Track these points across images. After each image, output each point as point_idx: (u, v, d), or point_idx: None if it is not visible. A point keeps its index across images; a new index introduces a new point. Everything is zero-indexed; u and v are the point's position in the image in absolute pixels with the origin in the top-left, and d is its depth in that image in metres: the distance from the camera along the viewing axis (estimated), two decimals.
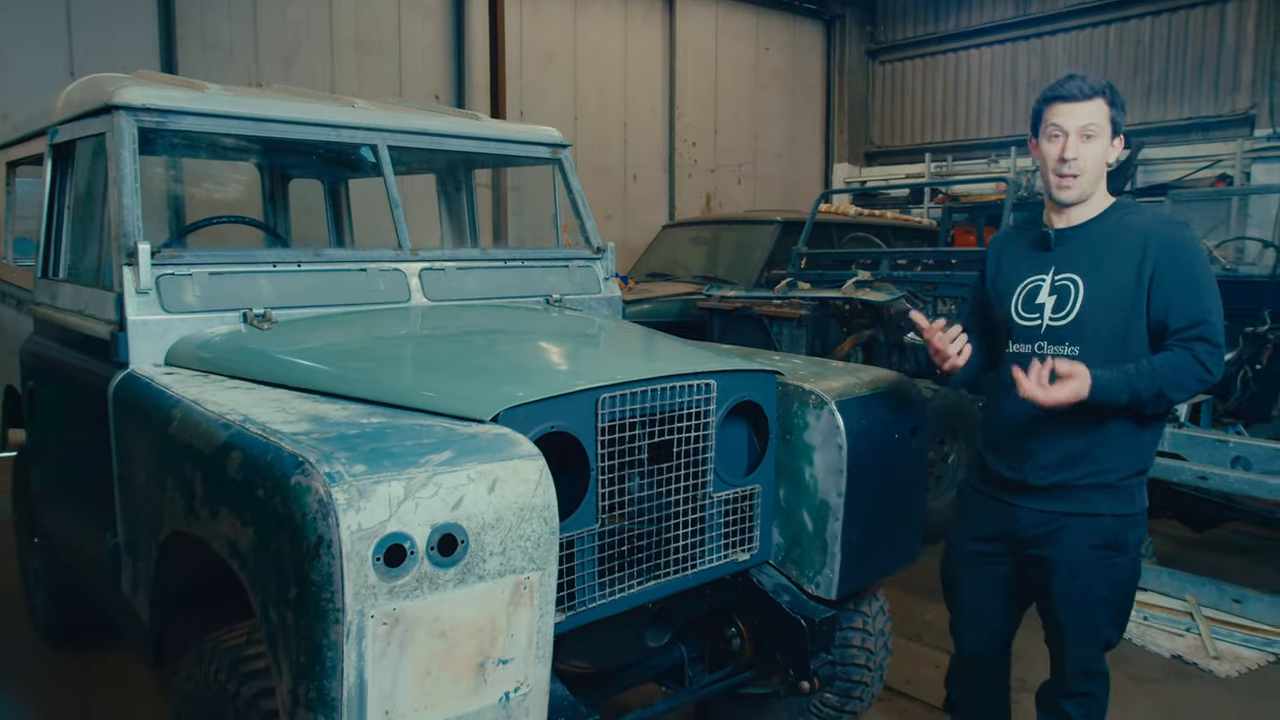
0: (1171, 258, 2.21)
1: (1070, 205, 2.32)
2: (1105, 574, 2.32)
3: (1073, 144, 2.25)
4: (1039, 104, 2.34)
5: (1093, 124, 2.23)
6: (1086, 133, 2.24)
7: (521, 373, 2.27)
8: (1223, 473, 4.12)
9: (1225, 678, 3.67)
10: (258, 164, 4.47)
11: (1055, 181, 2.29)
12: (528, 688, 1.83)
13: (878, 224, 8.33)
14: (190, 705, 2.07)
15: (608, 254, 3.65)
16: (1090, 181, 2.28)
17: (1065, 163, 2.25)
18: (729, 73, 11.70)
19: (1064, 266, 2.33)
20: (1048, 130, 2.29)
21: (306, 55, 8.60)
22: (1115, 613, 2.38)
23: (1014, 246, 2.49)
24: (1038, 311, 2.35)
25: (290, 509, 1.59)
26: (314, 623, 1.56)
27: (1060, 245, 2.35)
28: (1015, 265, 2.45)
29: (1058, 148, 2.27)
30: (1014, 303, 2.40)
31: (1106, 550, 2.31)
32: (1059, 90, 2.28)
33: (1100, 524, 2.30)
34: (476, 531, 1.70)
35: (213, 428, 1.95)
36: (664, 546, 2.35)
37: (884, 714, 3.35)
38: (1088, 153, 2.25)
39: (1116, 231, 2.30)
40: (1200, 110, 9.66)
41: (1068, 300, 2.30)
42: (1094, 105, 2.24)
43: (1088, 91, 2.24)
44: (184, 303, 2.63)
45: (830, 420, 2.52)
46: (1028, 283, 2.39)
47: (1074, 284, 2.30)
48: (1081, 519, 2.31)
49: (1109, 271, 2.26)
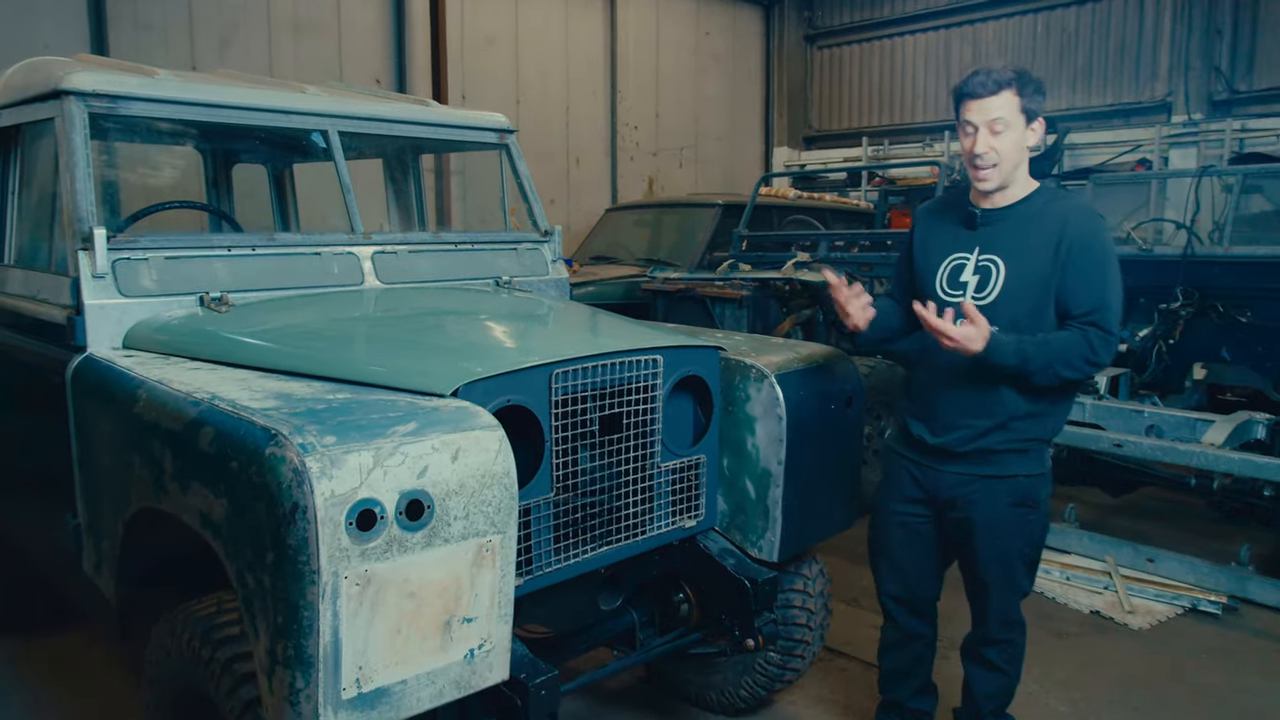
0: (1082, 247, 2.36)
1: (993, 192, 2.46)
2: (1022, 530, 2.51)
3: (983, 139, 2.37)
4: (954, 99, 2.47)
5: (1000, 118, 2.35)
6: (995, 128, 2.36)
7: (478, 350, 2.37)
8: (1137, 440, 4.39)
9: (1139, 630, 3.94)
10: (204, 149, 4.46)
11: (973, 174, 2.43)
12: (491, 644, 1.95)
13: (817, 207, 8.53)
14: (163, 673, 2.14)
15: (555, 237, 3.75)
16: (1008, 169, 2.41)
17: (978, 157, 2.39)
18: (670, 56, 11.81)
19: (988, 247, 2.47)
20: (963, 125, 2.43)
21: (243, 37, 8.46)
22: (1029, 565, 2.57)
23: (940, 222, 2.63)
24: (961, 289, 2.49)
25: (266, 478, 1.68)
26: (291, 584, 1.66)
27: (985, 226, 2.49)
28: (941, 241, 2.58)
29: (971, 143, 2.40)
30: (939, 278, 2.54)
31: (1022, 508, 2.49)
32: (965, 88, 2.40)
33: (1015, 484, 2.48)
34: (441, 497, 1.81)
35: (181, 406, 2.02)
36: (615, 514, 2.48)
37: (824, 672, 3.54)
38: (1000, 145, 2.37)
39: (1039, 217, 2.43)
40: (1122, 97, 10.06)
41: (989, 280, 2.45)
42: (1001, 99, 2.35)
43: (992, 86, 2.35)
44: (140, 286, 2.67)
45: (771, 392, 2.67)
46: (952, 259, 2.53)
47: (996, 265, 2.45)
48: (998, 480, 2.48)
49: (1029, 256, 2.41)
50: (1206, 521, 5.19)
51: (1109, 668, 3.62)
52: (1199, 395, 5.40)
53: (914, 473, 2.62)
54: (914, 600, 2.75)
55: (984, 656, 2.67)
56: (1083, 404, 4.87)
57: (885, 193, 8.83)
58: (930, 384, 2.57)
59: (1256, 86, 9.22)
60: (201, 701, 2.05)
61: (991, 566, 2.54)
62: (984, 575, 2.56)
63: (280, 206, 4.78)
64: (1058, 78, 10.41)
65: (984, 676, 2.69)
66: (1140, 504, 5.55)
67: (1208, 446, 4.21)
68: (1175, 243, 5.91)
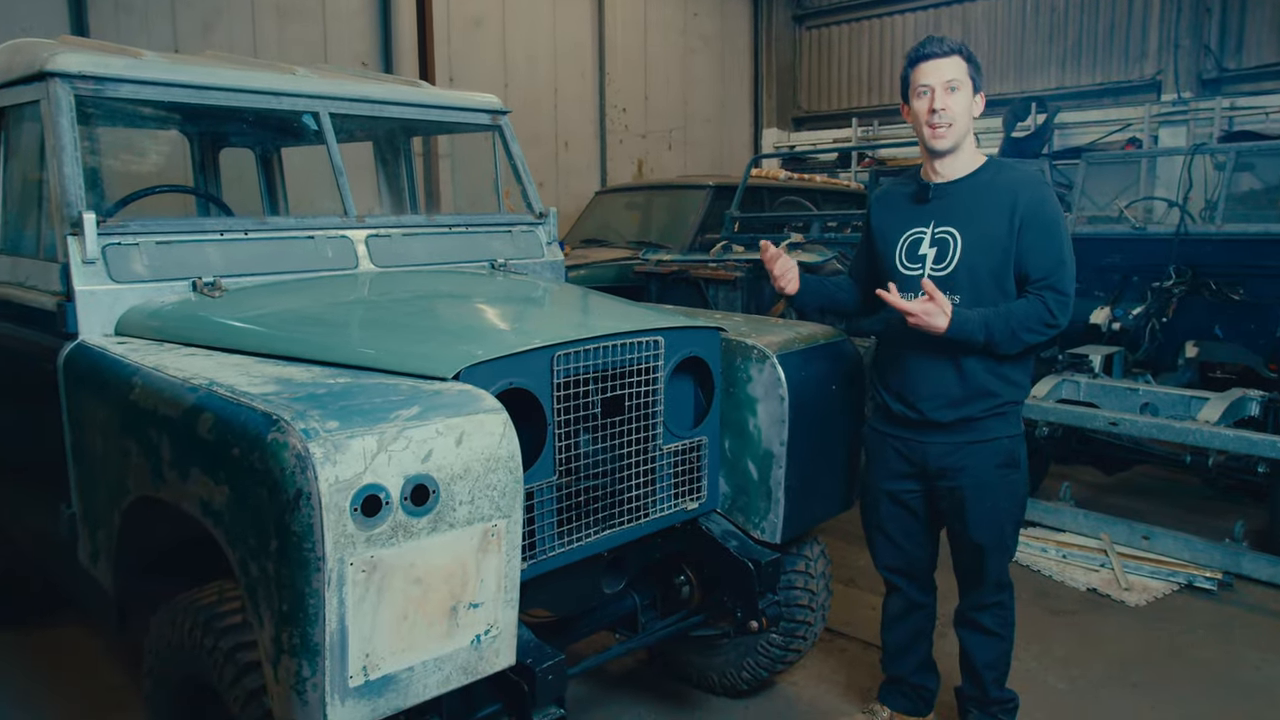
0: (1034, 213, 2.46)
1: (945, 154, 2.52)
2: (1009, 490, 2.59)
3: (940, 96, 2.46)
4: (905, 68, 2.56)
5: (955, 79, 2.46)
6: (951, 86, 2.46)
7: (479, 333, 2.35)
8: (1132, 418, 4.40)
9: (1135, 606, 3.96)
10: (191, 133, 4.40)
11: (929, 133, 2.50)
12: (497, 630, 1.93)
13: (808, 188, 8.50)
14: (164, 664, 2.12)
15: (550, 219, 3.71)
16: (961, 130, 2.49)
17: (936, 113, 2.47)
18: (658, 38, 11.72)
19: (943, 220, 2.54)
20: (916, 90, 2.51)
21: (227, 21, 8.34)
22: (1016, 525, 2.66)
23: (895, 200, 2.70)
24: (920, 262, 2.56)
25: (269, 464, 1.66)
26: (296, 572, 1.64)
27: (938, 199, 2.56)
28: (896, 217, 2.65)
29: (927, 102, 2.48)
30: (897, 254, 2.60)
31: (1006, 469, 2.58)
32: (921, 51, 2.51)
33: (999, 446, 2.57)
34: (446, 482, 1.78)
35: (179, 392, 1.99)
36: (618, 497, 2.46)
37: (825, 653, 3.55)
38: (954, 103, 2.46)
39: (990, 188, 2.51)
40: (1111, 76, 10.04)
41: (947, 252, 2.52)
42: (953, 61, 2.47)
43: (946, 50, 2.48)
44: (132, 272, 2.63)
45: (772, 373, 2.65)
46: (909, 234, 2.59)
47: (952, 237, 2.52)
48: (982, 445, 2.56)
49: (984, 225, 2.48)
50: (1201, 498, 5.22)
51: (1107, 644, 3.63)
52: (1191, 373, 5.41)
53: (899, 448, 2.68)
54: (912, 569, 2.82)
55: (979, 622, 2.74)
56: (1077, 383, 4.88)
57: (876, 173, 8.81)
58: (904, 361, 2.63)
59: (1246, 65, 9.23)
60: (204, 691, 2.03)
61: (984, 528, 2.61)
62: (977, 538, 2.62)
63: (269, 190, 4.72)
64: (1047, 57, 10.40)
65: (982, 643, 2.74)
66: (1135, 482, 5.57)
67: (1203, 424, 4.22)
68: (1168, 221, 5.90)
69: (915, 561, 2.80)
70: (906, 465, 2.67)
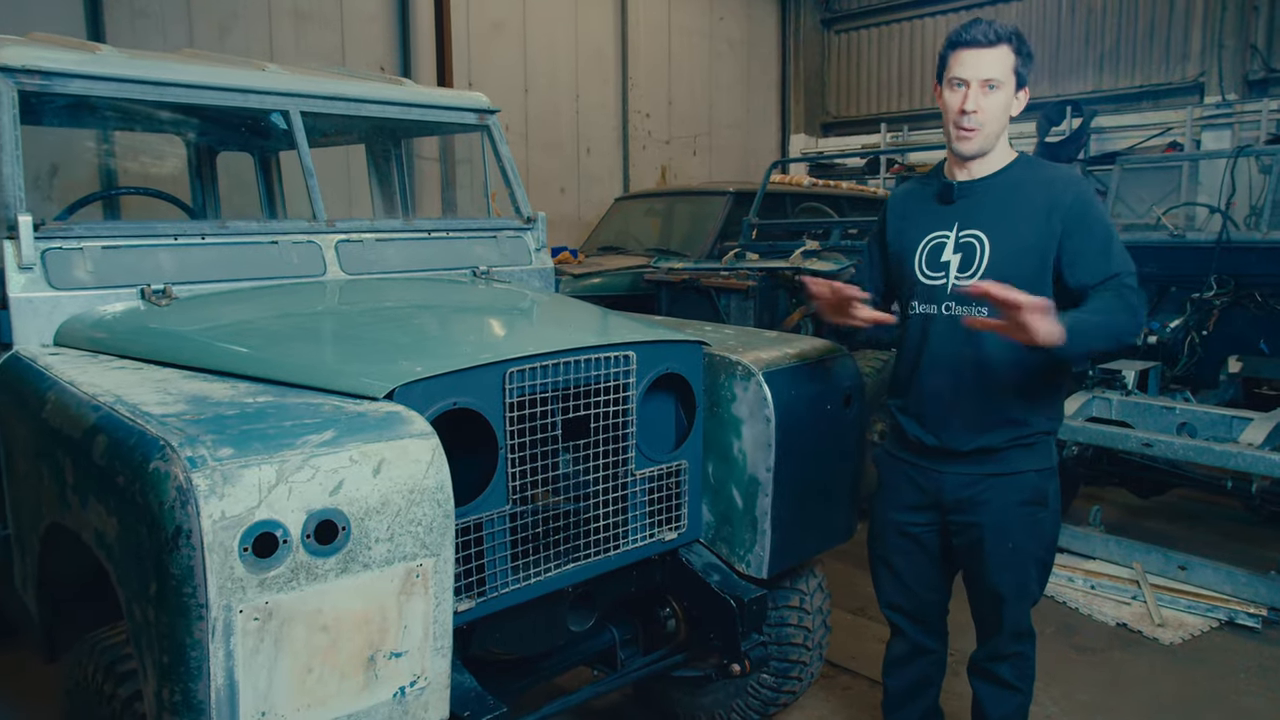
0: (1079, 214, 2.17)
1: (970, 159, 2.26)
2: (1032, 530, 2.30)
3: (974, 96, 2.18)
4: (944, 49, 2.26)
5: (995, 76, 2.17)
6: (989, 84, 2.17)
7: (425, 347, 2.14)
8: (1168, 439, 4.09)
9: (1169, 645, 3.66)
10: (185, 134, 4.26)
11: (955, 134, 2.22)
12: (425, 680, 1.72)
13: (832, 194, 8.25)
14: (74, 703, 1.94)
15: (539, 224, 3.51)
16: (991, 135, 2.22)
17: (965, 115, 2.19)
18: (683, 42, 11.51)
19: (968, 222, 2.26)
20: (950, 80, 2.22)
21: (243, 25, 8.28)
22: (1042, 569, 2.37)
23: (914, 201, 2.42)
24: (943, 270, 2.28)
25: (148, 497, 1.46)
26: (176, 620, 1.44)
27: (963, 198, 2.28)
28: (917, 220, 2.37)
29: (959, 99, 2.20)
30: (917, 260, 2.32)
31: (1031, 506, 2.29)
32: (963, 35, 2.20)
33: (1024, 481, 2.28)
34: (359, 517, 1.58)
35: (83, 410, 1.81)
36: (582, 527, 2.24)
37: (827, 690, 3.29)
38: (989, 105, 2.18)
39: (1022, 186, 2.23)
40: (1151, 78, 9.65)
41: (974, 258, 2.24)
42: (998, 53, 2.17)
43: (993, 38, 2.16)
44: (74, 278, 2.47)
45: (758, 391, 2.42)
46: (930, 239, 2.31)
47: (979, 241, 2.24)
48: (1004, 478, 2.28)
49: (1015, 228, 2.20)
50: (1244, 525, 4.87)
51: (1137, 687, 3.33)
52: (1234, 390, 5.08)
53: (914, 476, 2.40)
54: (919, 612, 2.53)
55: (995, 674, 2.45)
56: (1109, 400, 4.57)
57: (904, 179, 8.52)
58: (921, 379, 2.34)
59: None
60: None
61: (1003, 572, 2.32)
62: (994, 583, 2.33)
63: (267, 194, 4.59)
64: (1084, 60, 10.03)
65: (997, 696, 2.46)
66: (1171, 506, 5.23)
67: (1245, 446, 3.90)
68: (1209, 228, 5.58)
69: (924, 604, 2.52)
70: (919, 495, 2.39)
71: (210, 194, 4.43)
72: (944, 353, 2.26)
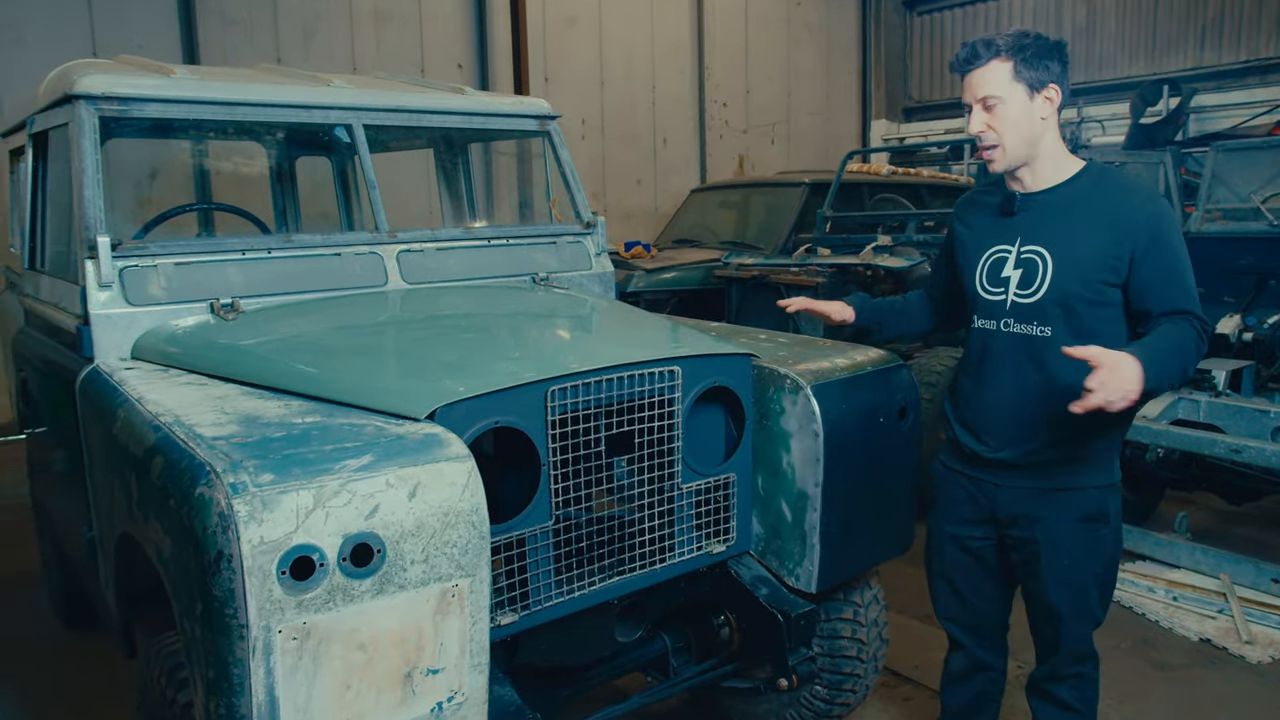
0: (1155, 237, 2.06)
1: (1009, 174, 2.20)
2: (1091, 547, 2.23)
3: (977, 118, 2.13)
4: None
5: (991, 92, 2.10)
6: (988, 102, 2.11)
7: (468, 365, 2.18)
8: (1259, 445, 3.88)
9: (1256, 664, 3.48)
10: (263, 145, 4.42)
11: (982, 154, 2.18)
12: (463, 696, 1.76)
13: (911, 183, 8.04)
14: (148, 701, 2.05)
15: (598, 229, 3.53)
16: (1015, 148, 2.13)
17: (976, 138, 2.15)
18: (759, 29, 11.37)
19: (1030, 237, 2.18)
20: (964, 105, 2.19)
21: (326, 29, 8.53)
22: (1103, 589, 2.28)
23: (978, 211, 2.35)
24: (1003, 286, 2.21)
25: (194, 521, 1.54)
26: (219, 638, 1.51)
27: (1025, 211, 2.20)
28: (978, 232, 2.30)
29: (969, 123, 2.17)
30: (978, 274, 2.26)
31: (1091, 523, 2.21)
32: (955, 60, 2.17)
33: (1083, 497, 2.21)
34: (395, 540, 1.62)
35: (145, 430, 1.90)
36: (628, 541, 2.26)
37: (886, 700, 3.25)
38: (997, 123, 2.12)
39: (1088, 200, 2.14)
40: (1257, 52, 9.10)
41: (1035, 275, 2.16)
42: (989, 69, 2.09)
43: (978, 55, 2.10)
44: (149, 295, 2.59)
45: (806, 406, 2.39)
46: (992, 253, 2.25)
47: (1041, 258, 2.15)
48: (1062, 493, 2.21)
49: (1081, 244, 2.11)
50: None
51: (1219, 709, 3.18)
52: None
53: (969, 489, 2.34)
54: (978, 626, 2.48)
55: (1054, 694, 2.38)
56: (1197, 402, 4.36)
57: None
58: (981, 389, 2.28)
59: None
60: None
61: (1061, 591, 2.25)
62: (1052, 602, 2.27)
63: (345, 202, 4.72)
64: (1183, 34, 9.54)
65: (1056, 717, 2.38)
66: (1267, 513, 4.96)
67: None
68: None
69: (982, 617, 2.46)
70: (974, 509, 2.34)
71: (290, 199, 4.58)
72: (1006, 369, 2.21)
